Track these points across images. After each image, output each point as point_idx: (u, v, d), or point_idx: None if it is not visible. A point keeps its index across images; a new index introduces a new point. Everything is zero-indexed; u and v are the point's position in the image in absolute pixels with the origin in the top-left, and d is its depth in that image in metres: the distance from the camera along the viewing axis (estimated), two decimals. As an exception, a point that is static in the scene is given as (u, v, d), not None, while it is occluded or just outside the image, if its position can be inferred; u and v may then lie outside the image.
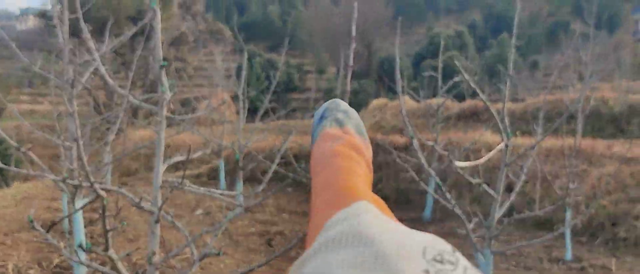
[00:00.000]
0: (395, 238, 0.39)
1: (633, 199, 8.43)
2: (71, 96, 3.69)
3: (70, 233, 7.31)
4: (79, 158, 2.47)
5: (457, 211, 4.91)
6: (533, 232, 8.87)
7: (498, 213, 4.96)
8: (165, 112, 3.13)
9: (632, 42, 35.76)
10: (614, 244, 8.14)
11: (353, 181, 0.52)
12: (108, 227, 2.66)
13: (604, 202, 8.60)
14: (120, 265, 2.90)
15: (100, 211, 2.65)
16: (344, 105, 0.65)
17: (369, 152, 0.61)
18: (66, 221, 7.94)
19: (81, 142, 2.54)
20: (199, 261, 3.41)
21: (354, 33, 3.42)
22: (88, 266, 3.04)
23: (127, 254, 3.27)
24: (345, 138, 0.59)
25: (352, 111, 0.65)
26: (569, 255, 7.35)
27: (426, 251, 0.38)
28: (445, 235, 8.76)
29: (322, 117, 0.64)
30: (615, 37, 35.50)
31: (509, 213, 7.55)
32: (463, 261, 0.39)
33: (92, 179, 2.40)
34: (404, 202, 11.45)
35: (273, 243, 7.79)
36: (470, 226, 5.05)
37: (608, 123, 15.03)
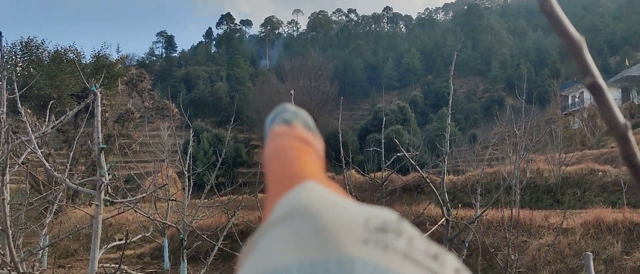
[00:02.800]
0: (337, 210, 0.40)
1: (572, 269, 8.71)
2: (2, 183, 3.61)
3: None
4: (9, 250, 2.41)
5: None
6: (479, 304, 8.95)
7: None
8: (102, 195, 3.10)
9: (562, 117, 37.85)
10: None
11: (300, 166, 0.54)
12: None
13: (545, 273, 8.84)
14: None
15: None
16: (292, 106, 0.68)
17: (319, 143, 0.63)
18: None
19: (10, 232, 2.48)
20: None
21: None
22: None
23: None
24: (291, 133, 0.62)
25: (300, 111, 0.68)
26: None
27: (369, 222, 0.38)
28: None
29: (271, 120, 0.67)
30: (546, 112, 37.51)
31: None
32: (409, 231, 0.39)
33: (22, 270, 2.33)
34: None
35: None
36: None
37: (544, 194, 15.66)
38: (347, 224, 0.37)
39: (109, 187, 3.00)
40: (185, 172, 10.14)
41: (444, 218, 4.74)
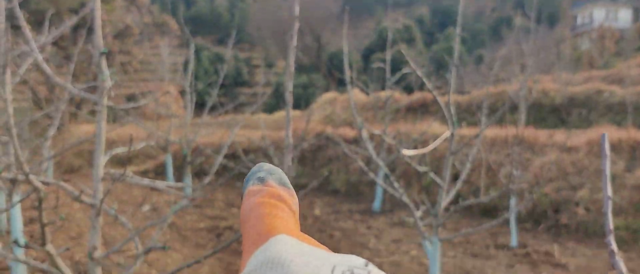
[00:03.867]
0: (306, 260, 0.42)
1: (574, 186, 8.75)
2: (3, 80, 3.50)
3: (8, 232, 6.99)
4: (15, 150, 2.33)
5: (405, 199, 4.96)
6: (479, 220, 9.09)
7: (445, 200, 5.03)
8: (105, 101, 3.00)
9: (571, 37, 37.16)
10: (557, 231, 8.43)
11: (272, 222, 0.56)
12: (45, 221, 2.52)
13: (547, 190, 8.89)
14: (59, 260, 2.77)
15: (37, 204, 2.51)
16: (267, 166, 0.71)
17: (292, 199, 0.66)
18: (4, 221, 7.60)
19: (14, 132, 2.39)
20: (144, 255, 3.30)
21: (295, 32, 3.37)
22: (24, 262, 2.89)
23: (67, 249, 3.13)
24: (265, 190, 0.65)
25: (275, 169, 0.71)
26: (514, 241, 7.55)
27: (335, 269, 0.40)
28: (394, 225, 8.86)
29: (247, 181, 0.70)
30: (556, 31, 36.79)
31: (456, 201, 7.70)
32: (375, 271, 0.41)
33: (27, 170, 2.27)
34: (354, 195, 11.52)
35: (222, 238, 7.68)
36: (418, 214, 5.11)
37: (549, 114, 15.57)
38: (314, 271, 0.40)
39: (111, 92, 2.90)
40: (187, 89, 10.04)
41: (449, 132, 4.66)
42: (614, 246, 1.09)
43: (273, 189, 0.65)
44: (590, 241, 7.99)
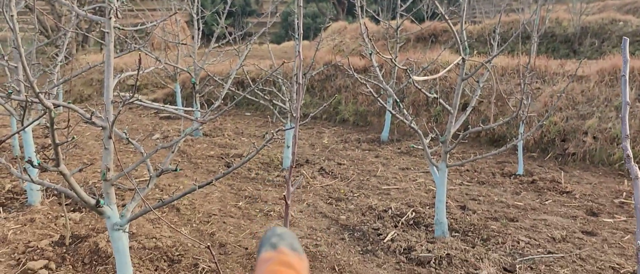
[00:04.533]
0: None
1: (583, 115, 8.72)
2: (9, 6, 3.47)
3: (22, 158, 7.12)
4: (23, 69, 2.34)
5: (414, 126, 4.97)
6: (487, 150, 9.14)
7: (454, 127, 5.04)
8: (113, 22, 2.97)
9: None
10: (564, 159, 8.48)
11: None
12: (57, 141, 2.57)
13: (555, 119, 8.87)
14: (72, 181, 2.83)
15: (48, 125, 2.55)
16: (280, 229, 0.76)
17: (302, 263, 0.70)
18: (17, 147, 7.72)
19: (22, 51, 2.39)
20: (156, 177, 3.37)
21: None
22: (39, 183, 2.96)
23: (80, 170, 3.19)
24: (276, 257, 0.69)
25: (287, 233, 0.76)
26: (521, 170, 7.62)
27: None
28: (402, 154, 8.92)
29: (261, 246, 0.74)
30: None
31: (465, 130, 7.71)
32: None
33: (37, 89, 2.29)
34: (363, 124, 11.56)
35: (232, 165, 7.80)
36: (427, 141, 5.14)
37: (561, 44, 15.31)
38: None
39: (118, 12, 2.87)
40: (194, 15, 9.91)
41: (461, 57, 4.61)
42: (629, 151, 1.10)
43: (284, 257, 0.70)
44: (597, 169, 8.04)
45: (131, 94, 2.93)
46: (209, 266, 4.44)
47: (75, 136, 2.65)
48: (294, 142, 1.55)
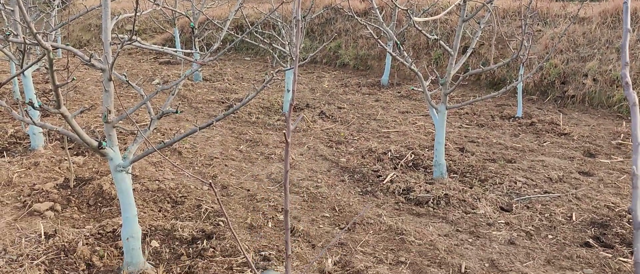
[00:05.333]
0: None
1: (583, 57, 8.67)
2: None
3: (23, 103, 7.14)
4: (20, 10, 2.33)
5: (414, 68, 4.96)
6: (487, 93, 9.14)
7: (454, 69, 5.03)
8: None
9: None
10: (563, 102, 8.49)
11: None
12: (57, 82, 2.58)
13: (556, 62, 8.83)
14: (74, 122, 2.86)
15: (47, 67, 2.55)
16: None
17: None
18: (17, 93, 7.72)
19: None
20: (158, 119, 3.40)
21: None
22: (41, 126, 2.99)
23: (81, 112, 3.22)
24: None
25: None
26: (519, 112, 7.64)
27: None
28: (402, 98, 8.93)
29: None
30: None
31: (465, 72, 7.69)
32: None
33: (35, 30, 2.28)
34: (363, 68, 11.51)
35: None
36: (427, 84, 5.14)
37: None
38: None
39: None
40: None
41: (461, -2, 4.56)
42: (629, 79, 1.11)
43: None
44: (595, 111, 8.07)
45: (129, 37, 2.92)
46: (212, 207, 4.53)
47: (74, 78, 2.66)
48: (294, 80, 1.57)
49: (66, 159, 5.23)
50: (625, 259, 3.84)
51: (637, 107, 1.08)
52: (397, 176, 5.34)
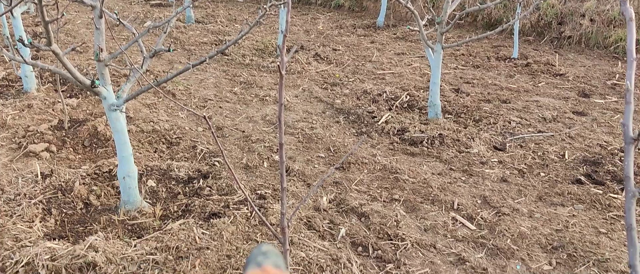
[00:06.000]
0: None
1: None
2: None
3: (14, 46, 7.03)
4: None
5: (410, 7, 4.89)
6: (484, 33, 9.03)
7: (450, 8, 4.96)
8: None
9: None
10: (559, 43, 8.43)
11: None
12: (47, 18, 2.53)
13: (553, 1, 8.71)
14: (65, 60, 2.82)
15: (36, 2, 2.49)
16: (265, 247, 0.81)
17: None
18: (8, 35, 7.59)
19: None
20: (150, 58, 3.36)
21: None
22: (33, 64, 2.95)
23: (73, 49, 3.17)
24: None
25: (272, 251, 0.81)
26: (515, 53, 7.59)
27: None
28: (398, 39, 8.84)
29: (247, 264, 0.79)
30: None
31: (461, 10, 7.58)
32: None
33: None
34: (358, 10, 11.33)
35: (226, 51, 7.73)
36: (423, 22, 5.08)
37: None
38: None
39: None
40: None
41: None
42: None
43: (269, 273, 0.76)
44: (591, 52, 8.03)
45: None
46: (207, 148, 4.54)
47: (65, 13, 2.61)
48: (287, 11, 1.54)
49: (59, 101, 5.20)
50: (615, 195, 3.90)
51: (633, 23, 1.07)
52: (392, 116, 5.35)
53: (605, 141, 4.84)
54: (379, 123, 5.22)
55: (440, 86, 5.67)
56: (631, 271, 1.06)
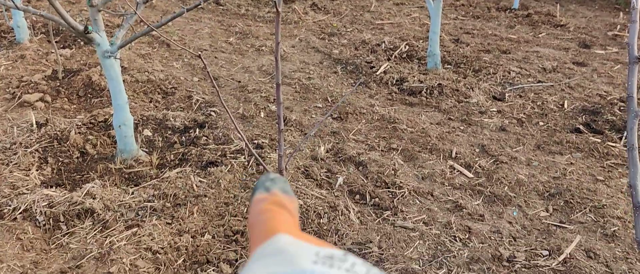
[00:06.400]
0: (297, 247, 0.54)
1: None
2: None
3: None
4: None
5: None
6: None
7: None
8: None
9: None
10: (560, -7, 8.29)
11: (275, 224, 0.66)
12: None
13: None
14: (57, 4, 2.75)
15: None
16: (273, 174, 0.81)
17: (293, 204, 0.76)
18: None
19: None
20: (144, 3, 3.28)
21: None
22: (24, 10, 2.88)
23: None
24: (269, 198, 0.75)
25: (279, 178, 0.81)
26: (516, 4, 7.47)
27: (320, 252, 0.51)
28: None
29: (255, 189, 0.80)
30: None
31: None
32: (352, 258, 0.50)
33: None
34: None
35: (221, 1, 7.58)
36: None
37: None
38: (302, 253, 0.52)
39: None
40: None
41: None
42: None
43: (276, 198, 0.76)
44: (593, 3, 7.90)
45: None
46: (203, 98, 4.50)
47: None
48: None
49: (53, 52, 5.12)
50: (613, 144, 3.89)
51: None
52: (390, 67, 5.29)
53: (605, 91, 4.81)
54: (378, 73, 5.17)
55: (440, 36, 5.59)
56: (632, 190, 1.05)
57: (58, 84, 4.58)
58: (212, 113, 4.22)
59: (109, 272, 2.55)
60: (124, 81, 4.26)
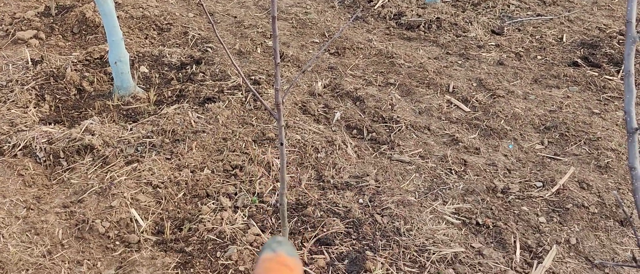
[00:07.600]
0: None
1: None
2: None
3: None
4: None
5: None
6: None
7: None
8: None
9: None
10: None
11: None
12: None
13: None
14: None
15: None
16: (279, 237, 0.86)
17: (297, 266, 0.81)
18: None
19: None
20: None
21: None
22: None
23: None
24: (276, 258, 0.79)
25: (285, 241, 0.86)
26: None
27: None
28: None
29: (262, 250, 0.85)
30: None
31: None
32: None
33: None
34: None
35: None
36: None
37: None
38: None
39: None
40: None
41: None
42: None
43: (282, 258, 0.81)
44: None
45: None
46: (199, 34, 4.45)
47: None
48: None
49: (44, -12, 5.01)
50: (610, 77, 3.89)
51: None
52: (388, 1, 5.20)
53: (604, 24, 4.76)
54: (375, 7, 5.09)
55: (439, -32, 5.47)
56: (626, 117, 1.07)
57: (51, 20, 4.51)
58: (209, 49, 4.19)
59: (110, 206, 2.60)
60: (118, 16, 4.20)
